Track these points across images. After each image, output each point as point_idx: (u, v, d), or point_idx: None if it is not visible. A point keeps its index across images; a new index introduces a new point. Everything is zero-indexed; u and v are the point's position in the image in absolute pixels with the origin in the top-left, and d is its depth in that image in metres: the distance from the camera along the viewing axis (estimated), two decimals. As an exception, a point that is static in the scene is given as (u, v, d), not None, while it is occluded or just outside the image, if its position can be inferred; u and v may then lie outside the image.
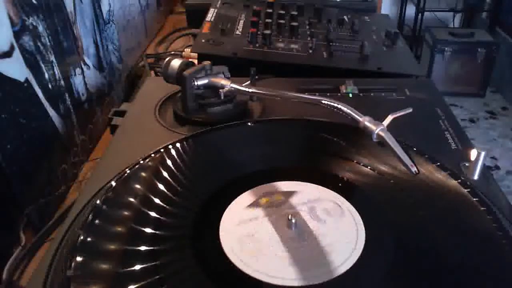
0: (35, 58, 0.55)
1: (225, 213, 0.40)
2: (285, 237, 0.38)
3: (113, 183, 0.42)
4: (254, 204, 0.41)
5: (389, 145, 0.41)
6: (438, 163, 0.44)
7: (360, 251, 0.36)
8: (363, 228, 0.38)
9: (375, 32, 0.82)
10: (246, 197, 0.42)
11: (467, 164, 0.45)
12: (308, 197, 0.42)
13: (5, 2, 0.49)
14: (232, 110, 0.54)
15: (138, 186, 0.43)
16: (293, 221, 0.38)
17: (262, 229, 0.38)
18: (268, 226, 0.39)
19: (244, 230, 0.38)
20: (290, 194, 0.42)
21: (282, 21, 0.79)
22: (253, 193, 0.42)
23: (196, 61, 0.66)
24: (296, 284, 0.33)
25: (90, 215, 0.38)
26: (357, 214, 0.40)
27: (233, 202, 0.41)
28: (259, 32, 0.75)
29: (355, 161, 0.46)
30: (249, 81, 0.55)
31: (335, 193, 0.42)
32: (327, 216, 0.40)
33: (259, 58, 0.69)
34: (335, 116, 0.47)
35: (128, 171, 0.44)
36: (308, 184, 0.44)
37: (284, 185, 0.43)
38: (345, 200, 0.41)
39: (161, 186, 0.42)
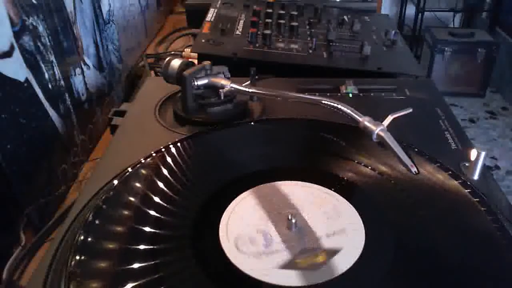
0: (35, 58, 0.55)
1: (225, 213, 0.40)
2: (285, 237, 0.38)
3: (114, 183, 0.42)
4: (254, 204, 0.41)
5: (389, 145, 0.41)
6: (438, 163, 0.44)
7: (360, 251, 0.36)
8: (363, 228, 0.38)
9: (375, 32, 0.82)
10: (246, 197, 0.42)
11: (467, 164, 0.45)
12: (308, 197, 0.42)
13: (5, 2, 0.49)
14: (232, 110, 0.54)
15: (138, 185, 0.43)
16: (293, 221, 0.38)
17: (262, 229, 0.38)
18: (268, 226, 0.39)
19: (244, 230, 0.38)
20: (290, 194, 0.42)
21: (282, 21, 0.79)
22: (253, 193, 0.43)
23: (196, 61, 0.66)
24: (296, 284, 0.33)
25: (90, 215, 0.38)
26: (357, 214, 0.40)
27: (233, 202, 0.41)
28: (259, 32, 0.75)
29: (355, 161, 0.46)
30: (249, 81, 0.55)
31: (335, 193, 0.42)
32: (327, 216, 0.40)
33: (259, 58, 0.69)
34: (335, 116, 0.47)
35: (128, 171, 0.44)
36: (308, 184, 0.44)
37: (284, 185, 0.43)
38: (345, 200, 0.41)
39: (161, 186, 0.42)
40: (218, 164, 0.47)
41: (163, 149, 0.47)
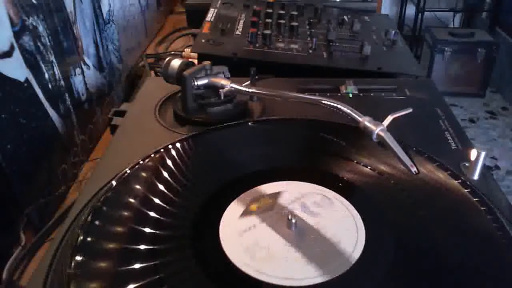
0: (35, 58, 0.55)
1: (225, 213, 0.40)
2: (284, 237, 0.38)
3: (113, 183, 0.42)
4: (254, 204, 0.41)
5: (389, 145, 0.41)
6: (438, 163, 0.44)
7: (360, 251, 0.36)
8: (363, 228, 0.38)
9: (375, 32, 0.82)
10: (246, 197, 0.42)
11: (467, 164, 0.45)
12: (308, 197, 0.42)
13: (5, 2, 0.49)
14: (232, 110, 0.54)
15: (138, 186, 0.43)
16: (293, 221, 0.38)
17: (262, 229, 0.38)
18: (268, 226, 0.39)
19: (244, 230, 0.38)
20: (290, 194, 0.42)
21: (282, 21, 0.79)
22: (253, 193, 0.42)
23: (196, 61, 0.66)
24: (295, 284, 0.33)
25: (90, 215, 0.38)
26: (357, 214, 0.40)
27: (233, 202, 0.41)
28: (259, 32, 0.75)
29: (355, 161, 0.46)
30: (249, 81, 0.55)
31: (335, 193, 0.42)
32: (327, 216, 0.40)
33: (259, 58, 0.69)
34: (335, 116, 0.47)
35: (128, 171, 0.44)
36: (308, 184, 0.44)
37: (283, 185, 0.43)
38: (345, 200, 0.41)
39: (161, 186, 0.42)
40: (218, 164, 0.47)
41: (162, 149, 0.47)
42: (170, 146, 0.47)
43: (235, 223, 0.39)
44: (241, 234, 0.38)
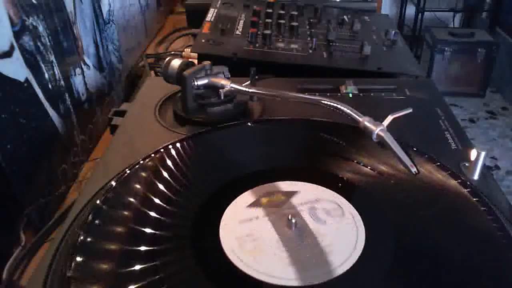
0: (35, 58, 0.55)
1: (225, 213, 0.40)
2: (285, 237, 0.38)
3: (113, 183, 0.42)
4: (254, 204, 0.41)
5: (389, 145, 0.41)
6: (438, 163, 0.44)
7: (360, 251, 0.36)
8: (363, 228, 0.38)
9: (375, 32, 0.82)
10: (246, 197, 0.42)
11: (467, 164, 0.45)
12: (308, 197, 0.42)
13: (5, 2, 0.49)
14: (232, 110, 0.54)
15: (138, 186, 0.43)
16: (293, 221, 0.38)
17: (262, 229, 0.38)
18: (268, 226, 0.39)
19: (244, 230, 0.38)
20: (290, 194, 0.42)
21: (282, 21, 0.79)
22: (253, 193, 0.42)
23: (196, 61, 0.66)
24: (295, 284, 0.33)
25: (90, 215, 0.38)
26: (357, 214, 0.40)
27: (233, 202, 0.41)
28: (259, 32, 0.75)
29: (355, 161, 0.46)
30: (249, 81, 0.55)
31: (335, 193, 0.42)
32: (327, 217, 0.40)
33: (259, 58, 0.69)
34: (335, 116, 0.47)
35: (128, 171, 0.44)
36: (308, 184, 0.44)
37: (284, 185, 0.43)
38: (345, 200, 0.41)
39: (161, 186, 0.42)
40: (218, 164, 0.47)
41: (162, 149, 0.47)
42: (170, 146, 0.47)
43: (235, 222, 0.39)
44: (241, 234, 0.38)
